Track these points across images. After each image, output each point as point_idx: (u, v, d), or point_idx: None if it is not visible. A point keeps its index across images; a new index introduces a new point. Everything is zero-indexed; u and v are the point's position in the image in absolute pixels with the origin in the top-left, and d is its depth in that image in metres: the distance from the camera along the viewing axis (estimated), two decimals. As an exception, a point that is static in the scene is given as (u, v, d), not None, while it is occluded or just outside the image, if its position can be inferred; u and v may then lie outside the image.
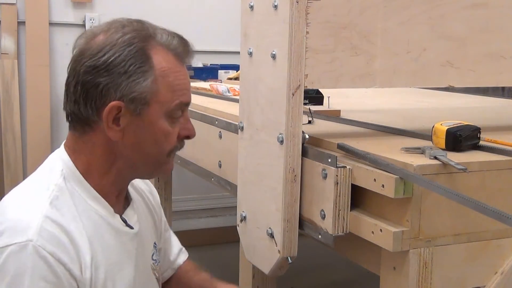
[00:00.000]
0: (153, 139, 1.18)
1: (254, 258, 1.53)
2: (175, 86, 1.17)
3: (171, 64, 1.17)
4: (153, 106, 1.15)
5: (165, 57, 1.17)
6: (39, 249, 1.06)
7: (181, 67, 1.20)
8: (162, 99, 1.16)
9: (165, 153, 1.20)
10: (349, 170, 1.27)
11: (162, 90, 1.16)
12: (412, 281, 1.20)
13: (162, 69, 1.16)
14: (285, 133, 1.34)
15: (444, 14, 1.47)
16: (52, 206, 1.12)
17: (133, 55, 1.13)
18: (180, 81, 1.18)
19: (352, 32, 1.40)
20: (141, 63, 1.14)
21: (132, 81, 1.13)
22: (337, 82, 1.41)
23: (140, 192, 1.37)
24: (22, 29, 3.55)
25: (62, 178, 1.16)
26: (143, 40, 1.15)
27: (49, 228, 1.09)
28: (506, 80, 1.59)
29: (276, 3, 1.34)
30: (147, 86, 1.14)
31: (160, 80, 1.15)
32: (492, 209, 1.02)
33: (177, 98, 1.17)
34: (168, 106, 1.17)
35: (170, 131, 1.19)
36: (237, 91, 2.32)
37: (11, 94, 3.48)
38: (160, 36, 1.18)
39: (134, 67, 1.13)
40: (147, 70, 1.14)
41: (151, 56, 1.15)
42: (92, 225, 1.16)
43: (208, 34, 3.94)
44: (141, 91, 1.14)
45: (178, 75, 1.18)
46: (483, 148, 1.33)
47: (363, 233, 1.26)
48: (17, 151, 3.47)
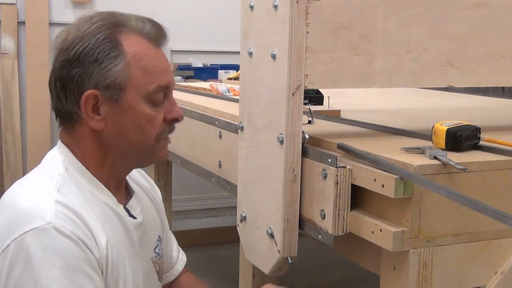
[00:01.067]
0: (136, 125, 1.17)
1: (254, 258, 1.53)
2: (150, 69, 1.17)
3: (143, 47, 1.17)
4: (130, 91, 1.16)
5: (136, 41, 1.17)
6: (61, 229, 1.07)
7: (156, 49, 1.19)
8: (138, 83, 1.16)
9: (151, 138, 1.19)
10: (349, 170, 1.27)
11: (137, 74, 1.16)
12: (412, 281, 1.21)
13: (133, 53, 1.15)
14: (285, 133, 1.34)
15: (444, 14, 1.47)
16: (60, 193, 1.13)
17: (101, 42, 1.15)
18: (155, 63, 1.18)
19: (352, 32, 1.40)
20: (110, 49, 1.15)
21: (103, 68, 1.14)
22: (337, 82, 1.41)
23: (142, 187, 1.38)
24: (22, 29, 3.55)
25: (64, 169, 1.18)
26: (111, 27, 1.16)
27: (63, 211, 1.10)
28: (506, 80, 1.58)
29: (276, 3, 1.34)
30: (118, 71, 1.14)
31: (133, 64, 1.15)
32: (492, 209, 1.02)
33: (155, 81, 1.17)
34: (146, 90, 1.16)
35: (153, 114, 1.18)
36: (237, 91, 2.32)
37: (11, 94, 3.48)
38: (130, 22, 1.18)
39: (103, 54, 1.14)
40: (118, 55, 1.15)
41: (120, 41, 1.15)
42: (100, 210, 1.17)
43: (208, 34, 3.94)
44: (114, 77, 1.14)
45: (152, 58, 1.17)
46: (483, 148, 1.33)
47: (363, 233, 1.26)
48: (17, 151, 3.47)
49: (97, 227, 1.13)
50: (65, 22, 3.65)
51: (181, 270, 1.52)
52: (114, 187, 1.23)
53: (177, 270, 1.51)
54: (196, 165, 2.14)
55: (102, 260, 1.13)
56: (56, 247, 1.06)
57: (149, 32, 1.19)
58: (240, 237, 1.60)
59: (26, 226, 1.07)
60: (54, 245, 1.06)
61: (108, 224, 1.17)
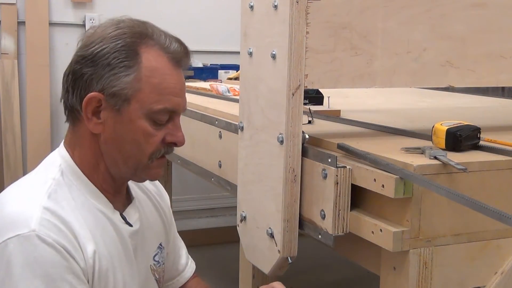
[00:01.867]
0: (132, 138, 1.16)
1: (254, 258, 1.53)
2: (162, 90, 1.14)
3: (162, 65, 1.15)
4: (134, 105, 1.14)
5: (157, 58, 1.14)
6: (44, 237, 1.06)
7: (175, 70, 1.16)
8: (144, 99, 1.13)
9: (146, 155, 1.16)
10: (349, 170, 1.27)
11: (145, 90, 1.13)
12: (412, 281, 1.20)
13: (149, 68, 1.13)
14: (285, 133, 1.34)
15: (444, 14, 1.47)
16: (51, 199, 1.12)
17: (119, 49, 1.13)
18: (168, 85, 1.15)
19: (352, 32, 1.40)
20: (126, 57, 1.13)
21: (113, 75, 1.13)
22: (337, 82, 1.41)
23: (147, 192, 1.36)
24: (22, 29, 3.55)
25: (60, 173, 1.17)
26: (134, 37, 1.14)
27: (49, 218, 1.09)
28: (506, 80, 1.58)
29: (276, 3, 1.34)
30: (128, 82, 1.13)
31: (145, 79, 1.13)
32: (492, 209, 1.02)
33: (162, 103, 1.14)
34: (150, 108, 1.14)
35: (152, 132, 1.15)
36: (237, 91, 2.32)
37: (11, 94, 3.48)
38: (158, 36, 1.16)
39: (117, 60, 1.13)
40: (131, 66, 1.13)
41: (139, 53, 1.13)
42: (92, 217, 1.16)
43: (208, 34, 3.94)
44: (122, 87, 1.13)
45: (167, 78, 1.15)
46: (483, 148, 1.33)
47: (363, 233, 1.26)
48: (17, 151, 3.47)
49: (85, 235, 1.12)
50: (65, 22, 3.66)
51: (189, 277, 1.50)
52: (111, 193, 1.22)
53: (184, 277, 1.49)
54: (196, 165, 2.14)
55: (88, 269, 1.11)
56: (37, 256, 1.05)
57: (174, 51, 1.16)
58: (240, 237, 1.60)
59: (10, 232, 1.07)
60: (35, 253, 1.05)
61: (99, 231, 1.16)
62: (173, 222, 1.46)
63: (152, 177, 1.23)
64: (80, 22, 3.67)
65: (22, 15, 3.55)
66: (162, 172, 1.23)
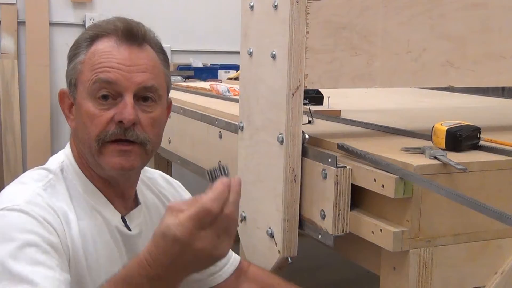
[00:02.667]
0: (81, 122, 1.14)
1: (254, 258, 1.53)
2: (96, 64, 1.13)
3: (105, 45, 1.14)
4: (79, 88, 1.15)
5: (104, 42, 1.15)
6: (28, 211, 1.06)
7: (120, 47, 1.14)
8: (83, 78, 1.14)
9: (92, 137, 1.12)
10: (349, 170, 1.27)
11: (85, 70, 1.14)
12: (412, 281, 1.20)
13: (92, 52, 1.14)
14: (285, 133, 1.34)
15: (444, 14, 1.47)
16: (46, 192, 1.12)
17: (80, 43, 1.17)
18: (103, 59, 1.13)
19: (352, 32, 1.40)
20: (76, 49, 1.16)
21: (68, 66, 1.17)
22: (337, 82, 1.41)
23: (161, 198, 1.34)
24: (22, 29, 3.55)
25: (59, 169, 1.17)
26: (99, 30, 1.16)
27: (39, 202, 1.09)
28: (506, 80, 1.58)
29: (276, 3, 1.34)
30: (75, 68, 1.15)
31: (87, 62, 1.14)
32: (492, 209, 1.02)
33: (96, 75, 1.12)
34: (88, 85, 1.13)
35: (95, 112, 1.12)
36: (237, 91, 2.32)
37: (11, 94, 3.48)
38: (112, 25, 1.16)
39: (71, 53, 1.17)
40: (79, 53, 1.15)
41: (93, 44, 1.15)
42: (87, 215, 1.15)
43: (208, 34, 3.94)
44: (71, 74, 1.16)
45: (104, 54, 1.13)
46: (483, 148, 1.33)
47: (363, 233, 1.26)
48: (17, 151, 3.47)
49: (73, 227, 1.11)
50: (65, 22, 3.66)
51: (234, 270, 1.40)
52: (112, 194, 1.20)
53: (227, 272, 1.39)
54: (196, 165, 2.13)
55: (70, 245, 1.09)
56: (18, 223, 1.04)
57: (119, 30, 1.15)
58: (240, 237, 1.60)
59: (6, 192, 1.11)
60: (16, 222, 1.04)
61: (90, 228, 1.14)
62: None
63: (108, 165, 1.13)
64: (80, 22, 3.67)
65: (22, 15, 3.55)
66: (124, 163, 1.13)
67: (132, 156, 1.14)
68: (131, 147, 1.14)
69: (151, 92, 1.15)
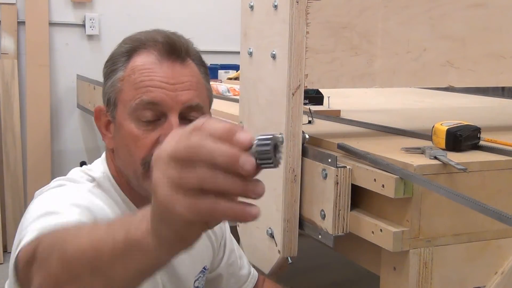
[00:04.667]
0: (123, 144, 1.09)
1: (254, 258, 1.53)
2: (138, 83, 1.07)
3: (145, 61, 1.09)
4: (119, 107, 1.09)
5: (144, 57, 1.09)
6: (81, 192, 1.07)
7: (162, 64, 1.08)
8: (125, 98, 1.08)
9: (137, 161, 1.07)
10: (349, 170, 1.27)
11: (126, 89, 1.09)
12: (412, 281, 1.20)
13: (131, 67, 1.09)
14: (285, 133, 1.34)
15: (444, 14, 1.47)
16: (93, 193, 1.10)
17: (116, 58, 1.12)
18: (146, 78, 1.07)
19: (352, 32, 1.40)
20: (113, 64, 1.11)
21: (106, 83, 1.12)
22: (337, 82, 1.41)
23: None
24: (22, 29, 3.55)
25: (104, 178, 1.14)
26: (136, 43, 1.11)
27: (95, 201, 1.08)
28: (506, 80, 1.58)
29: (276, 3, 1.34)
30: (113, 86, 1.10)
31: (127, 79, 1.09)
32: (492, 209, 1.02)
33: (139, 96, 1.07)
34: (130, 106, 1.07)
35: (138, 134, 1.07)
36: (237, 91, 2.32)
37: (11, 94, 3.48)
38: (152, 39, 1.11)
39: (108, 69, 1.12)
40: (117, 69, 1.10)
41: (133, 57, 1.10)
42: None
43: (208, 34, 3.94)
44: (109, 92, 1.11)
45: (146, 72, 1.07)
46: (483, 148, 1.33)
47: (363, 233, 1.26)
48: (17, 151, 3.47)
49: None
50: (65, 22, 3.66)
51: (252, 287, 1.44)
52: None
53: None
54: (196, 165, 2.13)
55: None
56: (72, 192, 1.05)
57: (162, 44, 1.09)
58: (240, 237, 1.60)
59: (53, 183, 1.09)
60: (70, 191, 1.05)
61: None
62: (230, 239, 1.41)
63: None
64: (80, 22, 3.67)
65: (22, 15, 3.55)
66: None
67: None
68: None
69: (196, 111, 1.10)
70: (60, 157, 3.67)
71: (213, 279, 1.41)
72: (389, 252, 1.21)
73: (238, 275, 1.44)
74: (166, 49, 1.09)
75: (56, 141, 3.66)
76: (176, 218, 0.60)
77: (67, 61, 3.60)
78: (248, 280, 1.45)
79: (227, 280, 1.42)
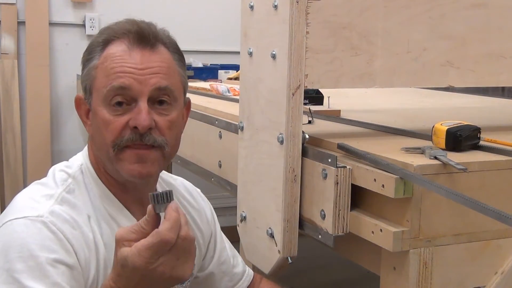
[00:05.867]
0: (97, 129, 1.14)
1: (254, 258, 1.53)
2: (109, 70, 1.12)
3: (117, 49, 1.13)
4: (94, 94, 1.14)
5: (116, 46, 1.14)
6: (49, 225, 1.06)
7: (132, 51, 1.12)
8: (98, 85, 1.13)
9: (108, 144, 1.11)
10: (349, 170, 1.27)
11: (99, 76, 1.13)
12: (412, 281, 1.20)
13: (105, 56, 1.13)
14: (285, 133, 1.34)
15: (444, 14, 1.47)
16: (64, 200, 1.12)
17: (89, 49, 1.16)
18: (116, 64, 1.11)
19: (352, 32, 1.40)
20: (89, 54, 1.16)
21: (83, 72, 1.17)
22: (337, 82, 1.41)
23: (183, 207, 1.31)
24: (22, 29, 3.55)
25: (80, 172, 1.18)
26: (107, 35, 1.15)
27: (61, 212, 1.09)
28: (506, 80, 1.58)
29: (276, 3, 1.34)
30: (89, 74, 1.15)
31: (100, 67, 1.13)
32: (492, 209, 1.02)
33: (110, 82, 1.11)
34: (102, 92, 1.12)
35: (110, 119, 1.11)
36: (237, 91, 2.32)
37: (11, 94, 3.48)
38: (124, 29, 1.15)
39: (85, 58, 1.17)
40: (92, 58, 1.15)
41: (105, 48, 1.14)
42: (104, 222, 1.15)
43: (208, 34, 3.94)
44: (85, 80, 1.16)
45: (116, 59, 1.12)
46: (483, 148, 1.33)
47: (363, 233, 1.26)
48: (17, 151, 3.47)
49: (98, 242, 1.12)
50: (65, 22, 3.66)
51: (247, 286, 1.46)
52: (130, 200, 1.19)
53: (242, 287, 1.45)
54: (196, 165, 2.13)
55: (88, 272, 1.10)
56: (38, 238, 1.04)
57: (130, 33, 1.13)
58: (240, 237, 1.60)
59: (18, 214, 1.08)
60: (37, 236, 1.05)
61: (109, 238, 1.13)
62: (219, 235, 1.43)
63: (126, 172, 1.13)
64: (80, 22, 3.67)
65: (22, 15, 3.55)
66: (141, 169, 1.13)
67: (149, 162, 1.13)
68: (148, 151, 1.13)
69: (166, 95, 1.14)
70: (60, 157, 3.67)
71: (206, 278, 1.42)
72: (389, 252, 1.21)
73: (232, 273, 1.45)
74: (136, 38, 1.14)
75: (56, 141, 3.66)
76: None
77: (67, 61, 3.60)
78: (243, 278, 1.46)
79: (220, 278, 1.43)
